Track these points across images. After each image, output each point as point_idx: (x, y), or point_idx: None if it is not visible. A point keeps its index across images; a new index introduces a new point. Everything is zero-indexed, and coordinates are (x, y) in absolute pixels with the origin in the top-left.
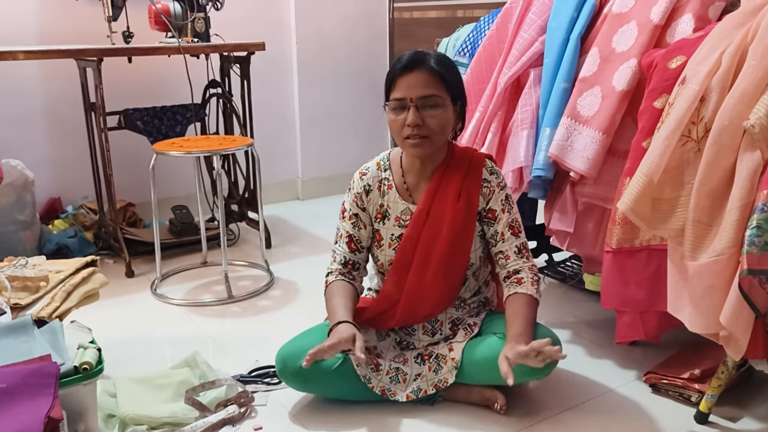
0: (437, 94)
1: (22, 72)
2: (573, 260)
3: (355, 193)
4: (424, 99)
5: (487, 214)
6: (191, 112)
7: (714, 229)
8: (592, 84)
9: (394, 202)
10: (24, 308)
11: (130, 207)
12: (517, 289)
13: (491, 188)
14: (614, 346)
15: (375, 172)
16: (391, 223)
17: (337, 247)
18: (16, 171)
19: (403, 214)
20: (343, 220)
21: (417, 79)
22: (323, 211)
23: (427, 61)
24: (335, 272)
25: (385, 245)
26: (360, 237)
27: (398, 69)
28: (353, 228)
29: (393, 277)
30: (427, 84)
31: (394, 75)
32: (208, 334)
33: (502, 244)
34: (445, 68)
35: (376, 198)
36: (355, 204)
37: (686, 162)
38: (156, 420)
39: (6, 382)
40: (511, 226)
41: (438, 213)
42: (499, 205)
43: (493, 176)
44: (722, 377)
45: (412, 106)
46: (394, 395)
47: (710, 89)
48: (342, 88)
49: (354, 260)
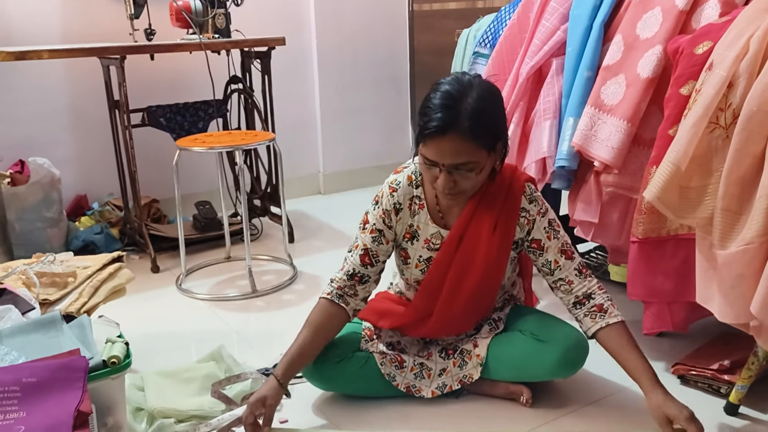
0: (471, 160)
1: (47, 71)
2: (598, 251)
3: (383, 209)
4: (456, 166)
5: (531, 245)
6: (213, 108)
7: (743, 217)
8: (616, 72)
9: (424, 224)
10: (52, 304)
11: (154, 203)
12: (607, 320)
13: (530, 218)
14: (641, 338)
15: (406, 189)
16: (420, 245)
17: (349, 256)
18: (42, 169)
19: (434, 238)
20: (363, 231)
21: (451, 145)
22: (345, 205)
23: (460, 121)
24: (336, 283)
25: (412, 265)
26: (377, 252)
27: (430, 131)
28: (372, 242)
29: (422, 300)
30: (461, 151)
31: (425, 134)
32: (233, 328)
33: (560, 271)
34: (481, 123)
35: (406, 218)
36: (382, 221)
37: (714, 149)
38: (183, 413)
39: (36, 377)
40: (563, 251)
41: (471, 242)
42: (543, 233)
43: (533, 205)
44: (753, 368)
45: (444, 170)
46: (420, 392)
47: (738, 75)
48: (362, 82)
49: (363, 273)
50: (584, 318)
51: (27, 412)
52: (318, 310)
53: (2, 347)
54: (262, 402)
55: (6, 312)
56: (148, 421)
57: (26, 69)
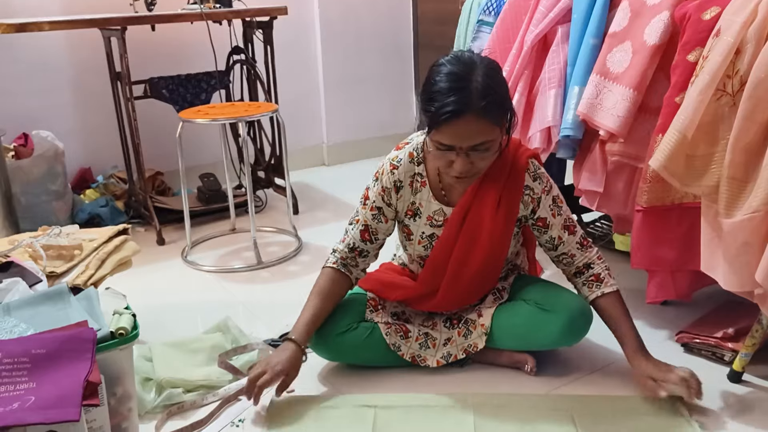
0: (488, 139)
1: (48, 43)
2: (603, 221)
3: (383, 186)
4: (473, 147)
5: (537, 223)
6: (216, 80)
7: (749, 185)
8: (623, 39)
9: (427, 201)
10: (59, 276)
11: (158, 176)
12: (602, 290)
13: (534, 196)
14: (645, 307)
15: (407, 166)
16: (422, 222)
17: (350, 229)
18: (46, 142)
19: (436, 215)
20: (363, 206)
21: (467, 128)
22: (349, 176)
23: (474, 101)
24: (338, 254)
25: (415, 241)
26: (377, 229)
27: (445, 116)
28: (372, 219)
29: (427, 276)
30: (478, 131)
31: (439, 120)
32: (239, 299)
33: (563, 246)
34: (493, 102)
35: (408, 195)
36: (381, 198)
37: (721, 117)
38: (191, 383)
39: (45, 348)
40: (566, 226)
41: (475, 219)
42: (548, 211)
43: (537, 182)
44: (757, 336)
45: (462, 153)
46: (425, 361)
47: (746, 41)
48: (366, 51)
49: (362, 249)
50: (582, 287)
51: (37, 383)
52: (324, 278)
53: (11, 319)
54: (285, 372)
55: (13, 285)
56: (156, 391)
57: (27, 41)
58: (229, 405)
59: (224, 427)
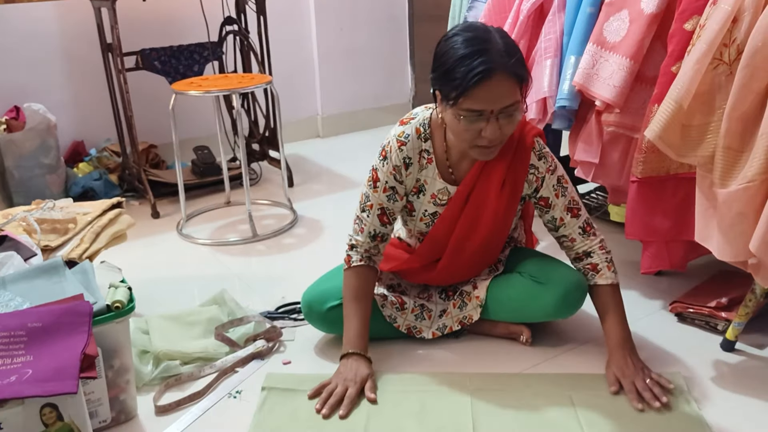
0: (516, 99)
1: (37, 14)
2: (598, 191)
3: (393, 165)
4: (506, 109)
5: (539, 202)
6: (208, 51)
7: (745, 155)
8: (620, 7)
9: (432, 179)
10: (54, 250)
11: (152, 149)
12: (597, 281)
13: (539, 175)
14: (639, 277)
15: (415, 142)
16: (426, 199)
17: (365, 217)
18: (38, 115)
19: (441, 194)
20: (374, 190)
21: (499, 88)
22: (344, 148)
23: (502, 59)
24: (360, 248)
25: (417, 218)
26: (393, 209)
27: (475, 80)
28: (388, 201)
29: (426, 250)
30: (509, 91)
31: (469, 81)
32: (234, 272)
33: (564, 228)
34: (517, 60)
35: (415, 171)
36: (393, 177)
37: (717, 86)
38: (188, 355)
39: (42, 322)
40: (569, 208)
41: (479, 198)
42: (552, 191)
43: (542, 161)
44: (750, 305)
45: (493, 117)
46: (420, 333)
47: (743, 9)
48: (360, 22)
49: (384, 233)
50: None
51: (34, 356)
52: (355, 279)
53: (6, 293)
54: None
55: (8, 258)
56: (154, 363)
57: (17, 13)
58: (226, 377)
59: (221, 398)
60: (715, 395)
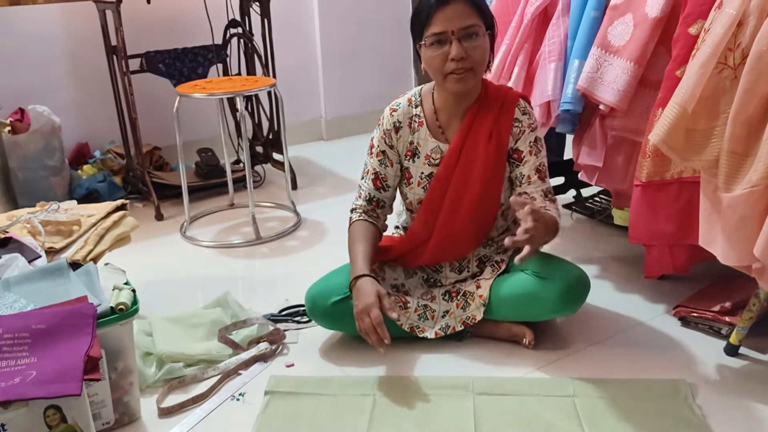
0: (477, 23)
1: (43, 17)
2: (601, 195)
3: (384, 129)
4: (465, 30)
5: (513, 155)
6: (213, 53)
7: (749, 159)
8: (624, 11)
9: (424, 140)
10: (58, 252)
11: (156, 151)
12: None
13: (522, 128)
14: (643, 281)
15: (406, 109)
16: (420, 161)
17: (363, 183)
18: (43, 117)
19: (434, 153)
20: (370, 156)
21: (455, 10)
22: (348, 151)
23: None
24: (359, 209)
25: (415, 183)
26: (386, 175)
27: (433, 3)
28: (380, 165)
29: (422, 217)
30: (466, 14)
31: (430, 10)
32: (238, 274)
33: (528, 186)
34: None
35: (407, 135)
36: (384, 141)
37: (722, 90)
38: (192, 357)
39: (46, 323)
40: (538, 169)
41: (470, 153)
42: (527, 146)
43: (525, 116)
44: (754, 309)
45: (455, 38)
46: (423, 332)
47: (748, 13)
48: (363, 25)
49: (379, 198)
50: None
51: (38, 358)
52: (356, 229)
53: (10, 295)
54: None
55: (13, 260)
56: (157, 365)
57: (22, 15)
58: (229, 379)
59: (225, 401)
60: (719, 400)
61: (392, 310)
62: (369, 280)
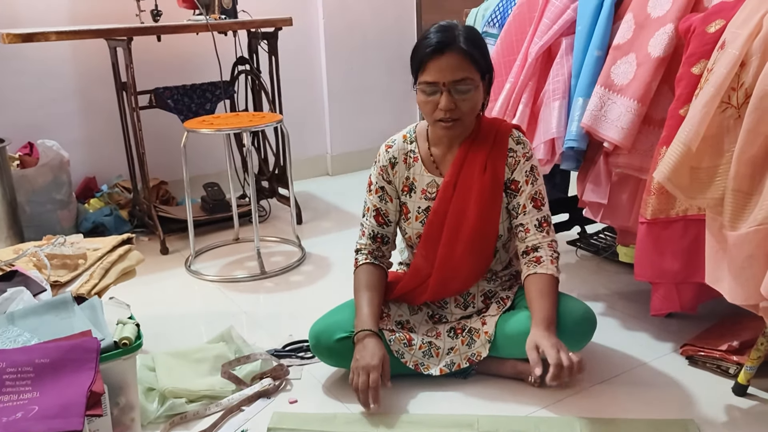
0: (469, 76)
1: (55, 53)
2: (606, 232)
3: (380, 166)
4: (456, 83)
5: (510, 185)
6: (220, 90)
7: (755, 197)
8: (627, 51)
9: (420, 175)
10: (63, 285)
11: (162, 185)
12: (536, 270)
13: (516, 158)
14: (649, 319)
15: (401, 145)
16: (417, 196)
17: (365, 221)
18: (51, 151)
19: (430, 187)
20: (369, 193)
21: (448, 62)
22: (353, 187)
23: (456, 41)
24: (364, 250)
25: (412, 218)
26: (387, 210)
27: (428, 52)
28: (380, 201)
29: (422, 251)
30: (459, 67)
31: (424, 58)
32: (242, 309)
33: (523, 216)
34: (474, 46)
35: (402, 171)
36: (381, 177)
37: (726, 129)
38: (195, 393)
39: (49, 357)
40: (533, 198)
41: (465, 185)
42: (523, 176)
43: (520, 146)
44: (762, 348)
45: (445, 90)
46: (428, 369)
47: (751, 53)
48: (370, 62)
49: (382, 234)
50: (523, 266)
51: (40, 392)
52: (362, 274)
53: (15, 328)
54: (381, 361)
55: (18, 294)
56: (159, 401)
57: (34, 52)
58: (232, 415)
59: None
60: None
61: (387, 379)
62: (376, 342)
